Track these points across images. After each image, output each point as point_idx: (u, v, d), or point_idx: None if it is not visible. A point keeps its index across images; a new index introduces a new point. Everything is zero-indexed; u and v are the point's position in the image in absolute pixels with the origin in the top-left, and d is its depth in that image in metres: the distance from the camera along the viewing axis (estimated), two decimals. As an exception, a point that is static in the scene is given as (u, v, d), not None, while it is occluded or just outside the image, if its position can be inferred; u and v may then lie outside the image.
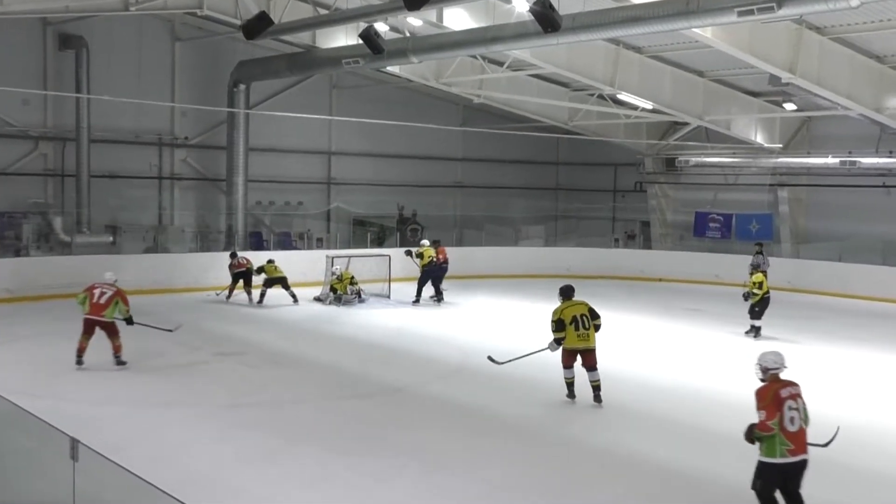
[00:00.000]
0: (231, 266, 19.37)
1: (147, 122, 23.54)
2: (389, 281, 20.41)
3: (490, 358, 12.14)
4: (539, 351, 11.33)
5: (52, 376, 11.93)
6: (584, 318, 10.86)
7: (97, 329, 12.30)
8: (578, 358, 10.91)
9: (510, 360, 11.92)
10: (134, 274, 18.42)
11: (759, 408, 6.64)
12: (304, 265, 21.53)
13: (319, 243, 25.49)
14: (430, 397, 11.44)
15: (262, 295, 19.09)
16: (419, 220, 27.93)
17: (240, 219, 23.47)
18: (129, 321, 12.55)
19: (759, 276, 16.31)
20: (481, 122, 26.67)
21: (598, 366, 10.93)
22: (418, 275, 19.90)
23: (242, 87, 22.87)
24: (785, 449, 6.59)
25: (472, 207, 29.57)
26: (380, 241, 26.23)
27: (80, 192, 22.01)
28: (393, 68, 22.22)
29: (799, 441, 6.65)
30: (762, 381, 6.87)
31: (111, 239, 21.98)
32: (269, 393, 11.44)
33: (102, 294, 12.32)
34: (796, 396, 6.73)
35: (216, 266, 20.40)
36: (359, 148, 27.54)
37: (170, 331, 13.32)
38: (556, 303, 10.99)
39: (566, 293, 11.07)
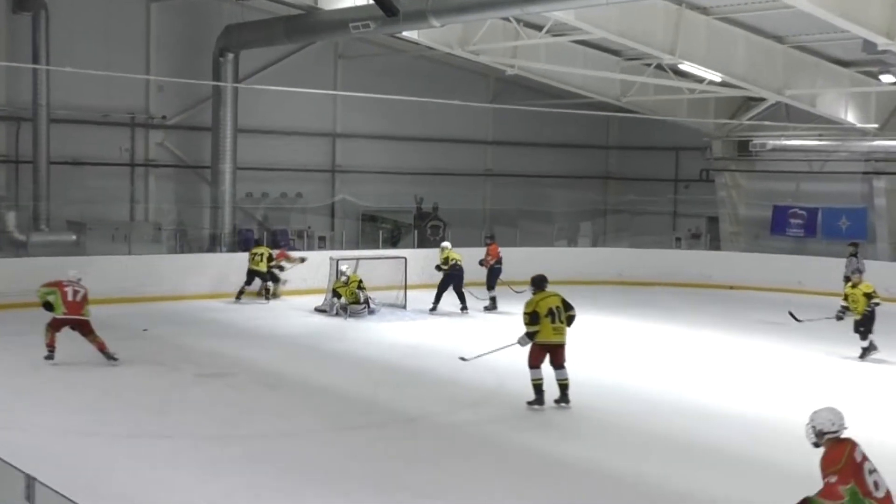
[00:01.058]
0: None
1: (117, 99, 23.66)
2: (406, 288, 20.39)
3: (461, 358, 13.80)
4: (508, 346, 12.35)
5: (3, 401, 11.98)
6: (559, 309, 11.89)
7: (68, 329, 13.39)
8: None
9: (478, 356, 13.36)
10: (101, 279, 18.51)
11: (827, 473, 6.37)
12: (304, 269, 21.61)
13: (322, 243, 25.59)
14: (455, 428, 11.45)
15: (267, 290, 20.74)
16: (441, 216, 27.96)
17: (227, 213, 23.60)
18: None
19: (867, 286, 16.03)
20: (515, 98, 26.67)
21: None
22: (441, 280, 20.05)
23: (230, 56, 22.97)
24: None
25: (504, 200, 29.63)
26: (394, 241, 26.23)
27: (38, 181, 22.12)
28: (410, 34, 22.18)
29: None
30: (815, 445, 6.68)
31: (74, 238, 22.12)
32: (261, 422, 11.46)
33: (77, 292, 13.49)
34: (867, 458, 6.52)
35: (198, 270, 20.46)
36: (369, 129, 27.60)
37: (145, 330, 13.56)
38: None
39: (539, 284, 12.14)
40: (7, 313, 17.51)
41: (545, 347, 11.89)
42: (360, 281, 19.67)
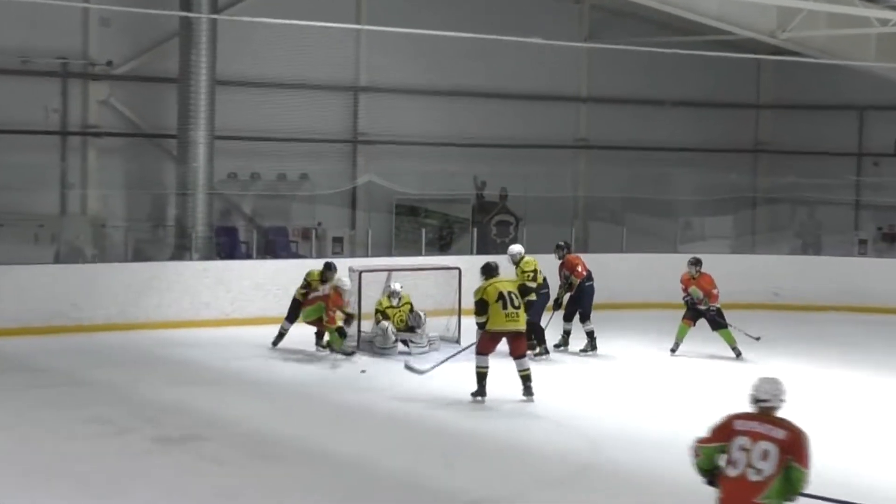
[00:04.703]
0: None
1: (43, 37, 23.85)
2: (460, 313, 20.36)
3: (408, 366, 16.50)
4: (468, 347, 15.64)
5: None
6: (513, 295, 15.18)
7: None
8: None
9: (433, 367, 16.14)
10: (16, 298, 18.74)
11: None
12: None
13: (338, 247, 25.58)
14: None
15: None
16: (511, 208, 27.96)
17: (200, 203, 23.68)
18: None
19: None
20: (620, 35, 26.66)
21: None
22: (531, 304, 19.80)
23: (206, -25, 23.20)
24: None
25: (603, 184, 29.51)
26: (443, 244, 26.22)
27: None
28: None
29: (733, 495, 8.11)
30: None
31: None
32: (248, 508, 11.54)
33: None
34: (760, 438, 8.14)
35: (158, 286, 20.61)
36: (406, 82, 27.68)
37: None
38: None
39: (489, 271, 15.54)
40: None
41: (498, 336, 15.19)
42: (412, 305, 19.85)
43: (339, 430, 14.69)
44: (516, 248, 19.98)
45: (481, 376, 15.30)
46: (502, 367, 16.05)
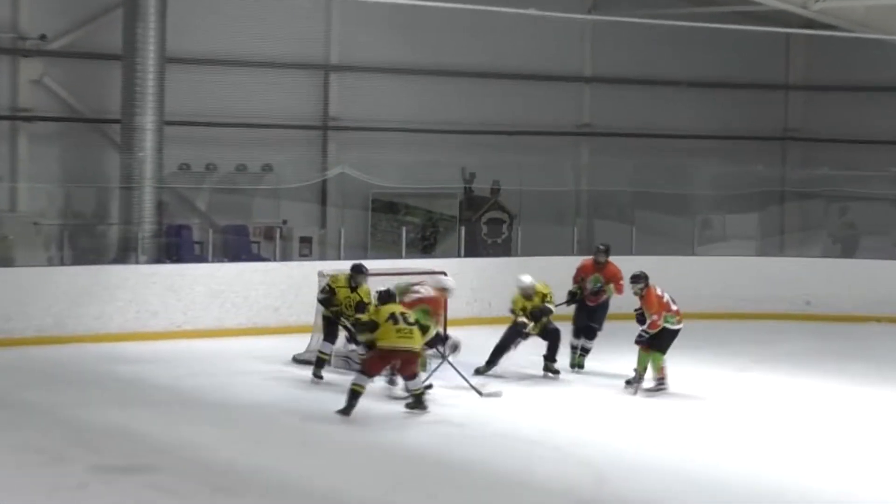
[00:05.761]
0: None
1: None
2: (445, 324, 20.22)
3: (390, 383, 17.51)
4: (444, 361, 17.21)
5: None
6: (405, 315, 16.17)
7: None
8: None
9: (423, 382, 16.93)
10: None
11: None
12: (277, 292, 21.79)
13: (306, 248, 25.63)
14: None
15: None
16: (504, 203, 27.87)
17: (147, 198, 23.66)
18: None
19: None
20: (629, 6, 26.67)
21: None
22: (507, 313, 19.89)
23: (154, -66, 23.14)
24: None
25: (609, 177, 29.61)
26: (427, 245, 26.14)
27: None
28: None
29: None
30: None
31: None
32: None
33: None
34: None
35: (99, 293, 20.47)
36: (384, 59, 27.73)
37: None
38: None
39: (385, 299, 16.63)
40: None
41: (389, 355, 16.17)
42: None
43: (307, 460, 14.59)
44: (528, 280, 19.67)
45: (353, 394, 15.86)
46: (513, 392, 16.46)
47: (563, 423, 16.66)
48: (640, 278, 18.40)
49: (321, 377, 18.79)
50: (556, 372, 19.74)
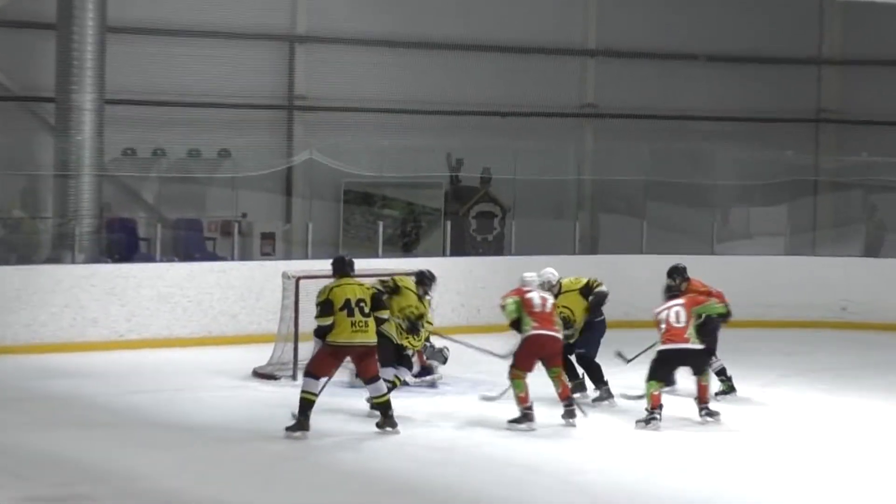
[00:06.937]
0: None
1: None
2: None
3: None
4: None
5: None
6: (362, 304, 15.75)
7: None
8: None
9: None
10: None
11: None
12: (235, 296, 21.99)
13: (268, 246, 25.61)
14: None
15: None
16: (496, 194, 27.90)
17: (86, 189, 23.68)
18: None
19: None
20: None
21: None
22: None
23: None
24: None
25: (617, 164, 29.72)
26: (407, 242, 26.20)
27: None
28: None
29: None
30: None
31: None
32: None
33: None
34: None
35: (31, 297, 20.48)
36: (357, 29, 27.87)
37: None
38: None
39: (341, 267, 16.14)
40: None
41: (340, 351, 15.82)
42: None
43: (268, 492, 14.44)
44: (550, 274, 19.14)
45: (304, 404, 15.69)
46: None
47: (562, 448, 16.66)
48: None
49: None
50: (609, 395, 19.29)
